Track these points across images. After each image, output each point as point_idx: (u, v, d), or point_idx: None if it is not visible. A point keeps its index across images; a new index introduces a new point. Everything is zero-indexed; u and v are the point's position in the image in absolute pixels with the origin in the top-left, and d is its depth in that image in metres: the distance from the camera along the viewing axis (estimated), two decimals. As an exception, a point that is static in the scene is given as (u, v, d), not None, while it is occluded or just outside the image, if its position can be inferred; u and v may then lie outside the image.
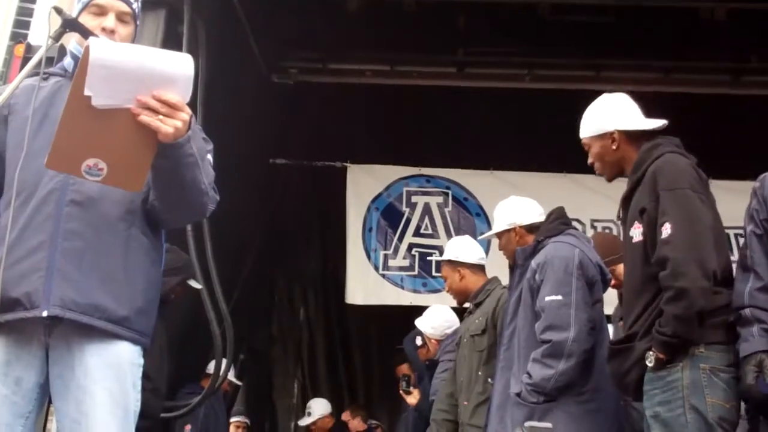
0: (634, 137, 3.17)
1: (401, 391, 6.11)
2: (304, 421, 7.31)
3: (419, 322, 5.42)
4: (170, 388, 5.18)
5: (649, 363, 2.83)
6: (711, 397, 2.74)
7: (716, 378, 2.75)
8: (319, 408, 7.25)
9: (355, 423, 7.19)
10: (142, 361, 2.42)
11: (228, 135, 3.95)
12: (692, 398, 2.74)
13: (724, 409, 2.75)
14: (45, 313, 2.24)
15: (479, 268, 4.64)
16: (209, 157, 2.40)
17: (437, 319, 5.30)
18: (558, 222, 3.80)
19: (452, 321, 5.22)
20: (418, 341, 5.54)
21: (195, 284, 4.51)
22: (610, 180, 3.33)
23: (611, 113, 3.24)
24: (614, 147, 3.18)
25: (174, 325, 4.82)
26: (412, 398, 5.86)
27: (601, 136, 3.22)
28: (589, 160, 3.31)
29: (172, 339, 4.66)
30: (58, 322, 2.28)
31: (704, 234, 2.85)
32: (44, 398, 2.36)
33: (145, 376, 3.61)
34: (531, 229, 3.91)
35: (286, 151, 7.71)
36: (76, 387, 2.27)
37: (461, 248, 4.72)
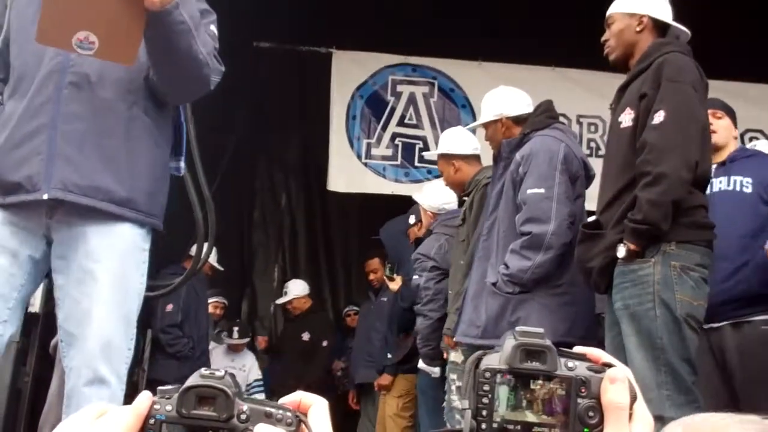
0: (658, 28, 3.19)
1: (384, 277, 6.20)
2: (280, 300, 7.44)
3: (418, 195, 5.39)
4: (153, 269, 5.23)
5: (620, 255, 2.87)
6: (680, 294, 2.81)
7: (686, 276, 2.82)
8: (295, 288, 7.35)
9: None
10: (147, 245, 2.42)
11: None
12: (662, 293, 2.81)
13: (691, 306, 2.83)
14: (45, 196, 2.25)
15: (474, 159, 4.58)
16: (212, 27, 2.36)
17: (436, 193, 5.25)
18: (545, 115, 3.76)
19: (451, 198, 5.12)
20: (411, 219, 5.56)
21: (177, 168, 4.48)
22: (614, 63, 3.29)
23: None
24: (638, 29, 3.18)
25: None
26: (395, 284, 5.94)
27: (631, 15, 3.21)
28: (604, 37, 3.28)
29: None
30: (59, 204, 2.28)
31: (695, 130, 2.88)
32: (37, 274, 2.38)
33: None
34: (518, 120, 3.84)
35: (270, 35, 7.54)
36: (78, 267, 2.30)
37: (454, 140, 4.64)
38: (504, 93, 4.01)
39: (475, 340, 3.53)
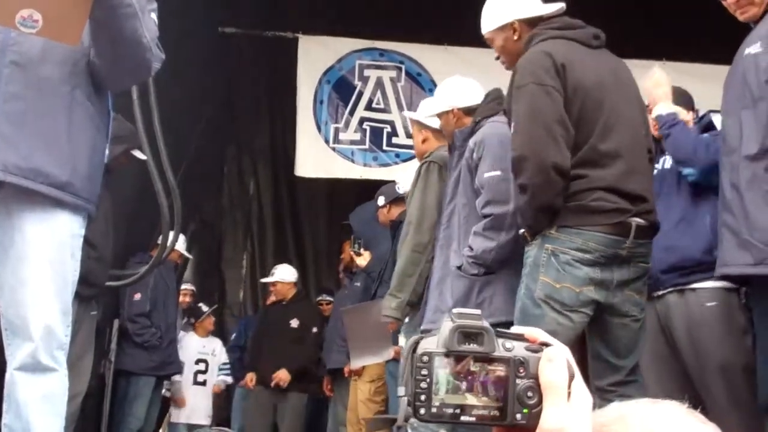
0: (534, 24, 3.11)
1: (351, 252, 6.18)
2: (266, 279, 7.31)
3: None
4: (120, 258, 5.19)
5: (522, 240, 3.01)
6: (544, 276, 2.84)
7: (554, 258, 2.83)
8: (282, 273, 7.21)
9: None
10: (83, 231, 2.40)
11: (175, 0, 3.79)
12: (529, 276, 2.87)
13: (552, 288, 2.82)
14: None
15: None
16: (153, 15, 2.33)
17: None
18: (495, 102, 3.76)
19: None
20: (381, 201, 5.55)
21: (139, 155, 4.43)
22: None
23: (508, 3, 3.17)
24: (515, 37, 3.13)
25: (120, 195, 4.77)
26: (362, 260, 5.93)
27: (503, 28, 3.17)
28: (495, 55, 3.27)
29: (119, 208, 4.62)
30: None
31: (543, 127, 2.81)
32: None
33: (90, 245, 3.59)
34: (468, 111, 3.86)
35: (236, 20, 7.49)
36: (15, 255, 2.26)
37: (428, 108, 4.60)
38: (454, 84, 4.02)
39: (442, 326, 3.52)
